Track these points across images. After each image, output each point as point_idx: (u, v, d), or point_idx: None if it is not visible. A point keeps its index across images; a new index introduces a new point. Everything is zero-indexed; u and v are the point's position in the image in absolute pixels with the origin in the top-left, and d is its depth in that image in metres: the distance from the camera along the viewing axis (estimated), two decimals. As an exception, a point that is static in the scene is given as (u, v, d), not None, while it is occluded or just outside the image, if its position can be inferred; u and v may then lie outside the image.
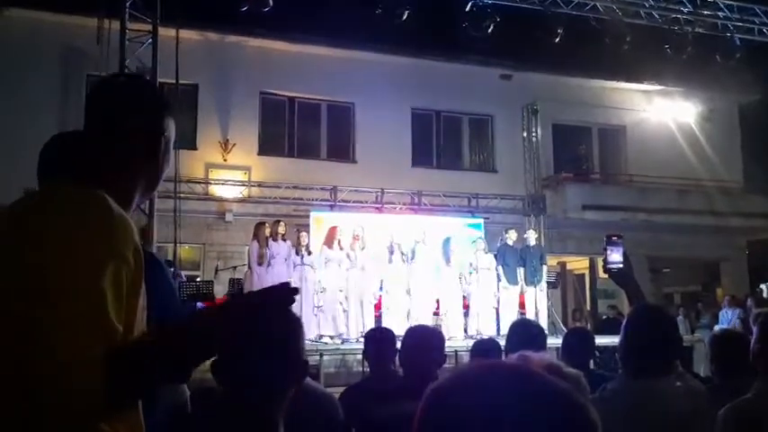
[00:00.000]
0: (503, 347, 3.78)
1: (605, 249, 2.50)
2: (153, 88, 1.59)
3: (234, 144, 13.09)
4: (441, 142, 15.30)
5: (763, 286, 13.03)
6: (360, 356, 7.77)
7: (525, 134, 14.94)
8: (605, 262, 2.51)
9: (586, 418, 0.75)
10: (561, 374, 1.75)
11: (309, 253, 9.89)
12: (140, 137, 1.39)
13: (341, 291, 9.85)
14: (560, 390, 0.76)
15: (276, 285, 1.26)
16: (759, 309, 10.61)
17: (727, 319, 12.07)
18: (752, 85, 15.19)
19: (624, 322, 2.29)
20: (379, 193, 13.06)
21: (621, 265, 2.48)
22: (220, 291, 10.50)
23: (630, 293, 2.50)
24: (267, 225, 9.70)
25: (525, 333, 2.95)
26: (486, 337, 5.61)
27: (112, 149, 1.37)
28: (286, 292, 1.24)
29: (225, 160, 13.07)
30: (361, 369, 8.09)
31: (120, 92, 1.46)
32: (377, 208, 12.90)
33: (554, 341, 6.28)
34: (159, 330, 1.24)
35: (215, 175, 12.90)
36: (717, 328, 10.87)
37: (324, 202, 12.73)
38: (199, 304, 9.22)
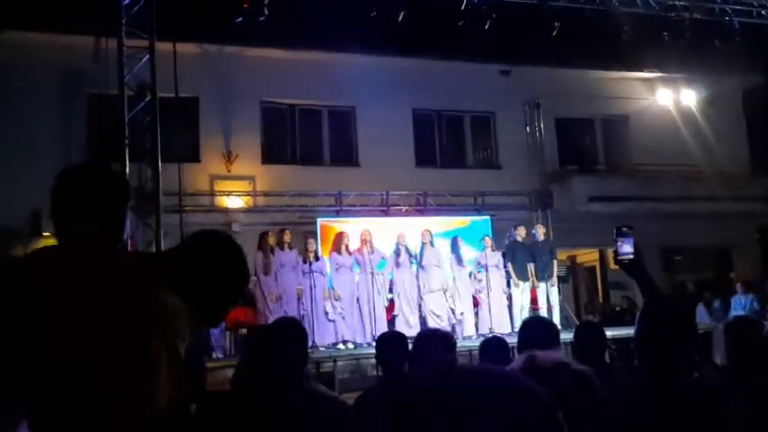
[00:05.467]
0: (510, 345, 3.74)
1: (615, 241, 2.45)
2: (118, 176, 2.03)
3: (237, 155, 13.07)
4: (443, 141, 15.24)
5: (777, 271, 12.91)
6: (374, 361, 7.73)
7: (528, 129, 14.87)
8: (616, 254, 2.45)
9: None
10: (570, 372, 1.71)
11: (317, 259, 9.86)
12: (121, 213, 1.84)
13: (353, 296, 9.82)
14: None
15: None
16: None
17: (741, 304, 11.94)
18: (753, 68, 15.08)
19: (638, 316, 2.25)
20: (385, 196, 13.02)
21: (632, 256, 2.43)
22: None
23: (642, 285, 2.45)
24: (271, 234, 9.68)
25: (537, 331, 2.91)
26: (491, 336, 5.55)
27: (108, 227, 1.78)
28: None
29: (229, 171, 13.05)
30: (375, 373, 8.05)
31: (108, 184, 1.83)
32: (383, 211, 12.87)
33: (568, 336, 6.23)
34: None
35: (220, 186, 12.90)
36: (732, 314, 10.77)
37: (329, 208, 12.71)
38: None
